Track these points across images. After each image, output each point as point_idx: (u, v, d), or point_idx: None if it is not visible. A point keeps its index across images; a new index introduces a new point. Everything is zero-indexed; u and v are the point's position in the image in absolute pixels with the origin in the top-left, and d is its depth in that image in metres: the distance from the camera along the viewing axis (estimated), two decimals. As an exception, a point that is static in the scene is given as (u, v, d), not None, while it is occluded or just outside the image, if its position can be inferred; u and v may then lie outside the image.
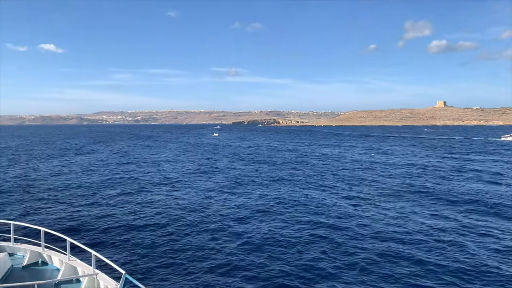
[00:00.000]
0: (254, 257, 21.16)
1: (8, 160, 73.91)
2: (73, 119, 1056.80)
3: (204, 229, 26.73)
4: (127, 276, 9.47)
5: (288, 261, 20.55)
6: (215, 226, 27.30)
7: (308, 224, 27.68)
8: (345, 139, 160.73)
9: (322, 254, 21.50)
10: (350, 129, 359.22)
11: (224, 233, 25.79)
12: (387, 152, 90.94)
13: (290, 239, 24.13)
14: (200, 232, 26.08)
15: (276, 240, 24.09)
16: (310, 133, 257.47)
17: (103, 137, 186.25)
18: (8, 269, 12.62)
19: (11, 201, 36.77)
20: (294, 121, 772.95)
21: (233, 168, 61.55)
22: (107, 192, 40.77)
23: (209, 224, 27.96)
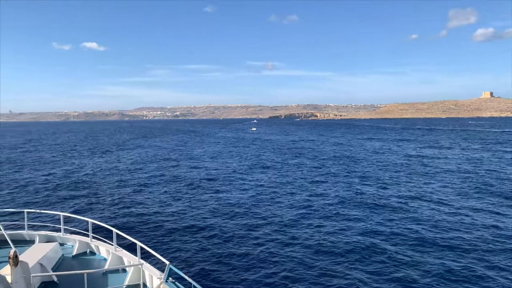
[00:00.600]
0: (305, 259, 19.62)
1: (60, 156, 76.09)
2: (115, 115, 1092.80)
3: (253, 226, 25.62)
4: (171, 266, 9.49)
5: (349, 268, 18.83)
6: (266, 224, 25.97)
7: (376, 227, 25.48)
8: (389, 133, 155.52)
9: (389, 260, 19.63)
10: (391, 122, 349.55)
11: (275, 233, 24.19)
12: (437, 146, 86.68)
13: (350, 244, 22.07)
14: (248, 229, 25.00)
15: (330, 243, 22.23)
16: (350, 126, 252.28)
17: (146, 133, 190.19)
18: (59, 258, 13.10)
19: (62, 193, 37.65)
20: (332, 114, 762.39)
21: (278, 163, 60.13)
22: (153, 186, 40.74)
23: (259, 222, 26.73)
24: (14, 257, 8.97)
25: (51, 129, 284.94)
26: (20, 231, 15.24)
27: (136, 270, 11.03)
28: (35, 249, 12.96)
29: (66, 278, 11.32)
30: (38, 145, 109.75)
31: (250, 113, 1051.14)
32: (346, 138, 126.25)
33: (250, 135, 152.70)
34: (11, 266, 8.94)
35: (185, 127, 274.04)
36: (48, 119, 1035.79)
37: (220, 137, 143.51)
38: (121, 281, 11.22)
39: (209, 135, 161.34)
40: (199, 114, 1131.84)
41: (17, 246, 12.96)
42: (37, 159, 70.88)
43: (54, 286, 11.07)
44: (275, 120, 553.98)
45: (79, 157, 74.17)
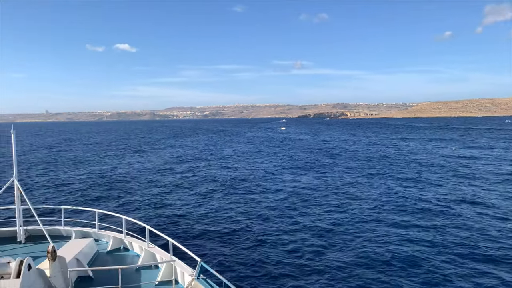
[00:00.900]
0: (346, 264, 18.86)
1: (95, 155, 78.04)
2: (146, 115, 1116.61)
3: (286, 229, 24.95)
4: (202, 263, 9.49)
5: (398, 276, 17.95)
6: (299, 228, 25.24)
7: (418, 234, 24.19)
8: (423, 132, 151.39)
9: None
10: (424, 121, 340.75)
11: (309, 238, 23.48)
12: (475, 146, 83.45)
13: (391, 252, 20.95)
14: (280, 231, 24.39)
15: (370, 251, 21.22)
16: (382, 125, 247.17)
17: (177, 132, 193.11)
18: (94, 253, 13.42)
19: (97, 191, 38.41)
20: (362, 113, 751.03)
21: (311, 163, 59.17)
22: (185, 185, 40.88)
23: (292, 225, 25.99)
24: (53, 252, 9.04)
25: (85, 128, 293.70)
26: (58, 227, 15.58)
27: (168, 266, 11.12)
28: (72, 244, 13.16)
29: (101, 273, 11.47)
30: (74, 145, 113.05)
31: (279, 113, 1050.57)
32: (379, 137, 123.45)
33: (279, 135, 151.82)
34: (49, 261, 9.02)
35: (215, 127, 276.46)
36: (82, 119, 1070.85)
37: (250, 136, 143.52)
38: (153, 277, 11.29)
39: (239, 134, 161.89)
40: (228, 113, 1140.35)
41: (55, 241, 13.29)
42: (73, 158, 72.92)
43: (89, 280, 11.20)
44: (304, 120, 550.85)
45: (113, 157, 75.77)
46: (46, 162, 66.12)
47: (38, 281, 8.29)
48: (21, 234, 14.56)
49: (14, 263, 7.86)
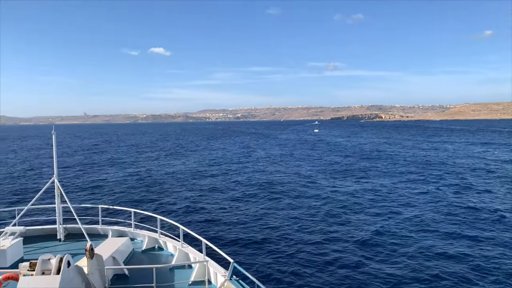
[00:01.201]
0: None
1: (132, 156, 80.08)
2: (180, 117, 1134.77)
3: (325, 235, 24.38)
4: (235, 264, 9.46)
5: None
6: (341, 234, 24.70)
7: (479, 247, 21.99)
8: (464, 135, 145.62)
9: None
10: (464, 123, 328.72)
11: (351, 246, 22.78)
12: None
13: (449, 268, 19.60)
14: (319, 236, 23.89)
15: (421, 266, 20.03)
16: (420, 128, 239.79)
17: (211, 134, 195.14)
18: (130, 252, 13.64)
19: (133, 191, 39.37)
20: (398, 116, 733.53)
21: (349, 166, 57.35)
22: (220, 187, 41.12)
23: (334, 230, 25.42)
24: (90, 249, 9.20)
25: (122, 130, 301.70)
26: (95, 226, 15.92)
27: (202, 266, 11.13)
28: (109, 243, 13.38)
29: (136, 271, 11.60)
30: (112, 146, 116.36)
31: (311, 115, 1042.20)
32: (417, 140, 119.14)
33: (313, 137, 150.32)
34: (87, 258, 9.18)
35: (247, 129, 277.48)
36: (118, 121, 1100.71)
37: (283, 139, 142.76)
38: (187, 277, 11.33)
39: (271, 136, 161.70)
40: (259, 115, 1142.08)
41: (92, 239, 13.45)
42: (111, 159, 75.05)
43: (125, 279, 11.34)
44: (337, 122, 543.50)
45: (149, 158, 77.43)
46: (85, 162, 68.41)
47: (76, 278, 8.45)
48: (60, 232, 14.97)
49: (55, 260, 8.04)
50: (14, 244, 12.83)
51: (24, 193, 39.02)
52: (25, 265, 8.35)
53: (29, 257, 12.89)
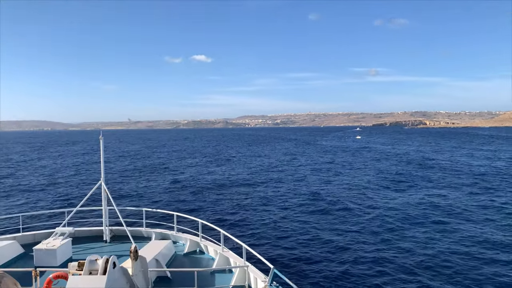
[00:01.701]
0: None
1: (175, 161, 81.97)
2: (220, 123, 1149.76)
3: (378, 248, 23.54)
4: (275, 270, 9.39)
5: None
6: (393, 249, 23.68)
7: None
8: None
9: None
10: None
11: (411, 266, 21.61)
12: None
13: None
14: (369, 249, 23.15)
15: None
16: (469, 135, 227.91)
17: (252, 140, 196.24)
18: (172, 255, 13.89)
19: (175, 195, 40.11)
20: (443, 122, 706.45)
21: (400, 177, 52.71)
22: (261, 194, 41.04)
23: (385, 244, 24.37)
24: (135, 251, 9.41)
25: (165, 136, 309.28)
26: (139, 228, 16.33)
27: (242, 271, 11.19)
28: (152, 245, 13.68)
29: (178, 274, 11.81)
30: (156, 152, 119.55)
31: (352, 121, 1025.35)
32: (468, 149, 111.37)
33: (355, 144, 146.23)
34: (132, 260, 9.37)
35: (287, 135, 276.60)
36: (160, 126, 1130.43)
37: (324, 146, 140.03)
38: (227, 281, 11.45)
39: (312, 143, 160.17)
40: (299, 121, 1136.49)
41: (136, 241, 13.87)
42: (155, 164, 77.08)
43: (167, 281, 11.54)
44: (379, 128, 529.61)
45: (191, 163, 78.84)
46: (130, 167, 70.69)
47: (121, 279, 8.64)
48: (106, 233, 15.48)
49: (101, 260, 8.27)
50: (64, 244, 13.38)
51: (73, 196, 40.80)
52: (74, 264, 8.65)
53: (77, 257, 13.42)
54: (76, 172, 62.12)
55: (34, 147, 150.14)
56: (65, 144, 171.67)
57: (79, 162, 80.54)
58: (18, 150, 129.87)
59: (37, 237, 15.15)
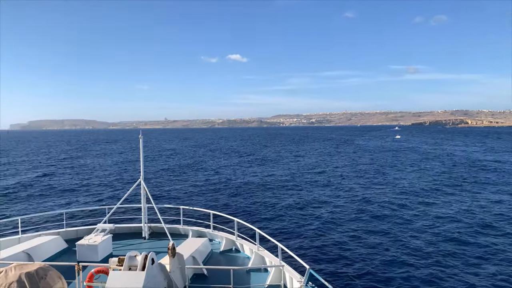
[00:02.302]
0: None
1: (213, 160, 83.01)
2: (254, 122, 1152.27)
3: (416, 253, 22.83)
4: (311, 271, 9.36)
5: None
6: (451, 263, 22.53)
7: None
8: None
9: None
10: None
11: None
12: None
13: None
14: (405, 253, 22.51)
15: None
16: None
17: (289, 140, 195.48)
18: (208, 253, 14.04)
19: (213, 193, 40.76)
20: (486, 121, 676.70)
21: (455, 180, 48.47)
22: (298, 194, 40.84)
23: (434, 253, 23.30)
24: (172, 248, 9.59)
25: (200, 135, 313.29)
26: (177, 226, 16.67)
27: (277, 271, 11.18)
28: (189, 243, 13.91)
29: (214, 272, 11.92)
30: (193, 151, 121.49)
31: (390, 120, 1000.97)
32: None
33: (396, 144, 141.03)
34: (169, 257, 9.56)
35: (322, 135, 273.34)
36: (196, 126, 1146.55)
37: (363, 145, 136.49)
38: (263, 280, 11.46)
39: (349, 142, 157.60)
40: (335, 120, 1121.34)
41: (174, 238, 14.11)
42: (191, 163, 78.30)
43: (204, 278, 11.68)
44: (419, 127, 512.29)
45: (227, 162, 79.42)
46: (168, 165, 72.17)
47: (159, 275, 8.81)
48: (145, 230, 15.87)
49: (140, 256, 8.47)
50: (105, 240, 13.83)
51: (114, 193, 42.11)
52: (114, 260, 8.91)
53: (117, 253, 13.83)
54: (116, 170, 64.07)
55: (76, 145, 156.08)
56: (106, 143, 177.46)
57: (119, 161, 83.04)
58: (62, 149, 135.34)
59: (80, 233, 15.73)
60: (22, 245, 13.58)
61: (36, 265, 7.78)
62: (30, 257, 12.76)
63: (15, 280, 7.16)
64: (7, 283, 7.14)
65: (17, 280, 7.17)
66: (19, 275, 7.25)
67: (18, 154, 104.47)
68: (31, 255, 12.88)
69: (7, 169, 67.83)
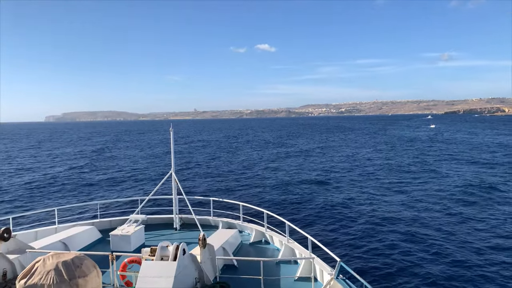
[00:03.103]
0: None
1: (244, 151, 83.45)
2: (282, 112, 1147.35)
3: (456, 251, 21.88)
4: (342, 263, 9.27)
5: None
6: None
7: None
8: None
9: None
10: None
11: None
12: None
13: None
14: (442, 250, 21.79)
15: None
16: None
17: (318, 130, 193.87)
18: (238, 244, 14.17)
19: (243, 185, 41.05)
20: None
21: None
22: (328, 186, 40.55)
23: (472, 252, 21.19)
24: (203, 239, 9.69)
25: (230, 125, 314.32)
26: (207, 217, 16.83)
27: (307, 263, 11.10)
28: (219, 234, 14.02)
29: (244, 263, 11.96)
30: (222, 142, 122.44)
31: (422, 109, 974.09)
32: None
33: (431, 133, 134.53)
34: (200, 247, 9.68)
35: (352, 125, 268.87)
36: (225, 116, 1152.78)
37: (395, 135, 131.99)
38: (293, 272, 11.43)
39: (381, 132, 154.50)
40: (365, 110, 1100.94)
41: (204, 230, 14.35)
42: (221, 155, 79.05)
43: (234, 269, 11.76)
44: (452, 116, 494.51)
45: (256, 155, 79.73)
46: (198, 156, 73.14)
47: (190, 265, 8.91)
48: (176, 221, 16.13)
49: (172, 247, 8.59)
50: (137, 230, 14.12)
51: (146, 185, 43.03)
52: (147, 250, 9.07)
53: (150, 243, 14.10)
54: (148, 162, 65.39)
55: (109, 137, 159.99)
56: (137, 134, 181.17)
57: (150, 152, 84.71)
58: (96, 140, 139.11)
59: (113, 223, 16.13)
60: (59, 234, 14.05)
61: (72, 254, 8.03)
62: (66, 246, 13.19)
63: (53, 268, 7.42)
64: (45, 271, 7.41)
65: (55, 268, 7.42)
66: (56, 264, 7.50)
67: (53, 146, 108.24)
68: (67, 244, 13.31)
69: (45, 160, 70.52)
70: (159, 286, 7.77)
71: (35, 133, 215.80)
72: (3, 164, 65.10)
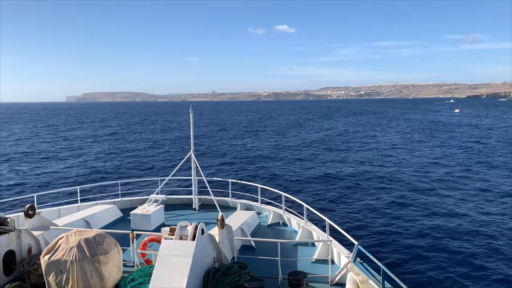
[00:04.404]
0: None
1: (262, 135, 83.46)
2: (301, 95, 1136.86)
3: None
4: (359, 247, 9.16)
5: None
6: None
7: None
8: None
9: None
10: None
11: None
12: None
13: None
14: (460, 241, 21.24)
15: None
16: None
17: (335, 113, 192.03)
18: (256, 225, 14.32)
19: (261, 167, 41.34)
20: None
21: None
22: (349, 170, 40.34)
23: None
24: (221, 220, 9.74)
25: (247, 107, 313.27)
26: (225, 198, 16.98)
27: (325, 246, 11.12)
28: (237, 215, 14.17)
29: (262, 244, 12.02)
30: (241, 124, 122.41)
31: (444, 92, 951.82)
32: None
33: (457, 119, 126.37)
34: (218, 228, 9.75)
35: (373, 108, 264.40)
36: (242, 98, 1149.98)
37: (418, 120, 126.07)
38: (310, 254, 11.52)
39: (401, 117, 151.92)
40: (385, 93, 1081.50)
41: (223, 210, 14.54)
42: (238, 136, 79.28)
43: (251, 250, 11.92)
44: (475, 100, 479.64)
45: (275, 137, 79.74)
46: (217, 138, 73.61)
47: (209, 245, 8.99)
48: (195, 202, 16.34)
49: (191, 227, 8.66)
50: (157, 210, 14.37)
51: (165, 165, 43.52)
52: (166, 229, 9.18)
53: (169, 222, 14.32)
54: (168, 143, 66.05)
55: (129, 118, 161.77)
56: (156, 115, 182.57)
57: (170, 133, 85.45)
58: (117, 122, 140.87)
59: (134, 203, 16.43)
60: (81, 213, 14.40)
61: (93, 232, 8.23)
62: (88, 224, 13.51)
63: (75, 245, 7.63)
64: (68, 248, 7.63)
65: (77, 245, 7.64)
66: (79, 241, 7.72)
67: (73, 127, 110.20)
68: (89, 222, 13.63)
69: (65, 139, 71.98)
70: (178, 264, 7.89)
71: (57, 114, 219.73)
72: (30, 143, 66.83)
